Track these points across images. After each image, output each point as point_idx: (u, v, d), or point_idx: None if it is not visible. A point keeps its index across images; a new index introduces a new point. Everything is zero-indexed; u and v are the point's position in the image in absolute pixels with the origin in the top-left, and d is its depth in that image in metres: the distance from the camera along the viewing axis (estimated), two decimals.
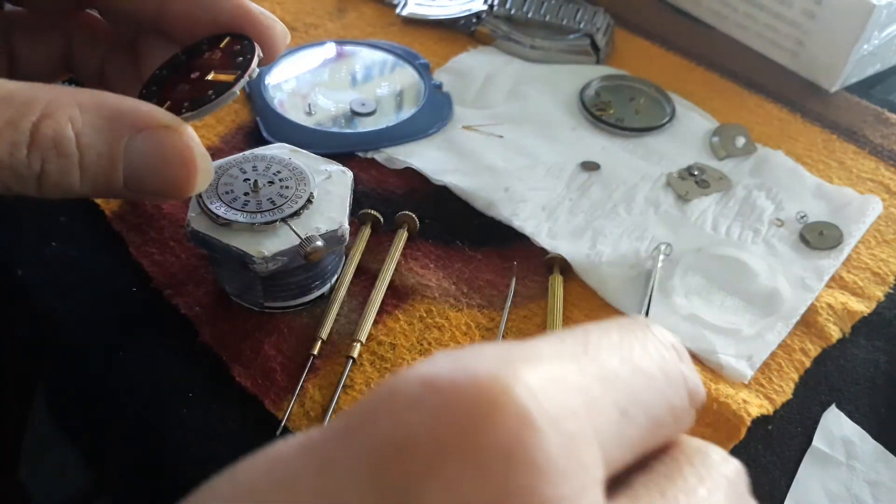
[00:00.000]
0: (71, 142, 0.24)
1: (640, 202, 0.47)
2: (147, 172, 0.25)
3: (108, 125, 0.25)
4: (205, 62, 0.29)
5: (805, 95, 0.57)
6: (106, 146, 0.25)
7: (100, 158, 0.25)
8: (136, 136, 0.25)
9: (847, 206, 0.48)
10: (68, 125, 0.24)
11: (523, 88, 0.54)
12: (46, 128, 0.24)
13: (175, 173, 0.26)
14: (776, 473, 0.36)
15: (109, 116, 0.25)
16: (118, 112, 0.25)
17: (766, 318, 0.42)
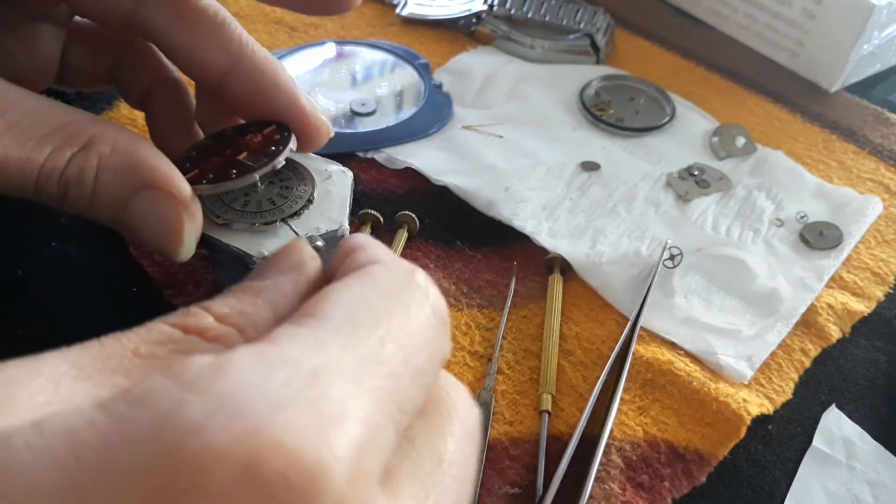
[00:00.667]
0: (91, 174, 0.27)
1: (640, 202, 0.48)
2: (143, 225, 0.28)
3: (127, 172, 0.27)
4: (244, 143, 0.32)
5: (805, 95, 0.57)
6: (118, 190, 0.28)
7: (109, 198, 0.28)
8: (145, 191, 0.28)
9: (847, 206, 0.48)
10: (95, 160, 0.27)
11: (523, 88, 0.54)
12: (78, 159, 0.27)
13: (164, 237, 0.28)
14: (776, 473, 0.36)
15: (133, 164, 0.28)
16: (141, 164, 0.28)
17: (765, 319, 0.42)
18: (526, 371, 0.39)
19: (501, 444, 0.36)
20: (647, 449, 0.36)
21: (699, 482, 0.35)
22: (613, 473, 0.35)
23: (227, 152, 0.32)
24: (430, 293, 0.20)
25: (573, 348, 0.40)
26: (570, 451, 0.34)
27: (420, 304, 0.19)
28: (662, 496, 0.34)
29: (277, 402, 0.14)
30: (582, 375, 0.39)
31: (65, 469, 0.13)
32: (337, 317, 0.17)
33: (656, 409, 0.37)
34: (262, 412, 0.14)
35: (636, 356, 0.39)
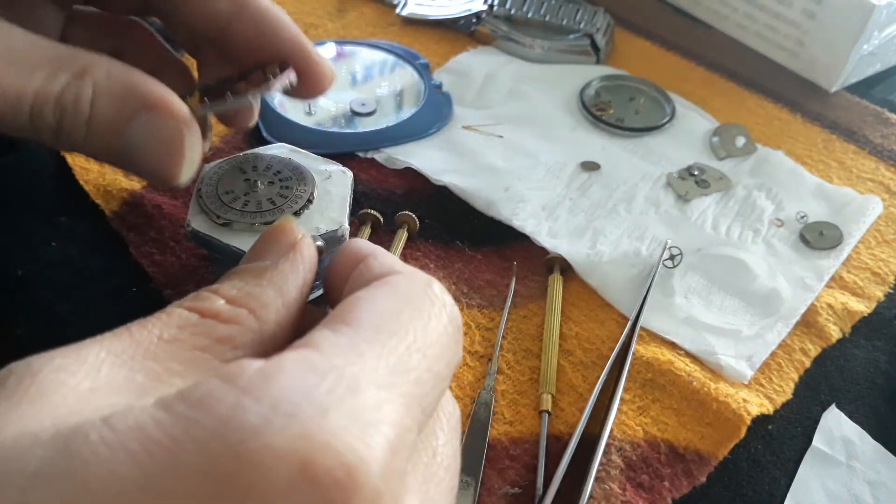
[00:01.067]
0: (87, 101, 0.27)
1: (640, 202, 0.48)
2: (142, 149, 0.28)
3: (124, 96, 0.27)
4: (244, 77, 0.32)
5: (805, 95, 0.57)
6: (114, 114, 0.27)
7: (105, 124, 0.27)
8: (142, 113, 0.27)
9: (847, 206, 0.48)
10: (90, 87, 0.27)
11: (523, 88, 0.54)
12: (73, 87, 0.27)
13: (164, 157, 0.28)
14: (776, 473, 0.36)
15: (128, 88, 0.27)
16: (137, 88, 0.27)
17: (765, 319, 0.42)
18: (526, 371, 0.39)
19: (501, 444, 0.36)
20: (647, 449, 0.36)
21: (699, 482, 0.35)
22: (613, 473, 0.35)
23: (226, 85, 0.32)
24: (447, 303, 0.21)
25: (573, 348, 0.40)
26: (570, 451, 0.34)
27: (439, 314, 0.20)
28: (662, 496, 0.34)
29: (325, 408, 0.15)
30: (582, 375, 0.39)
31: (138, 462, 0.14)
32: (369, 326, 0.19)
33: (656, 409, 0.37)
34: (313, 417, 0.15)
35: (636, 356, 0.39)
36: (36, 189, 0.44)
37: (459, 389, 0.37)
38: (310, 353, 0.17)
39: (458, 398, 0.37)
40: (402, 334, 0.19)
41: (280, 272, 0.22)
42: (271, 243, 0.23)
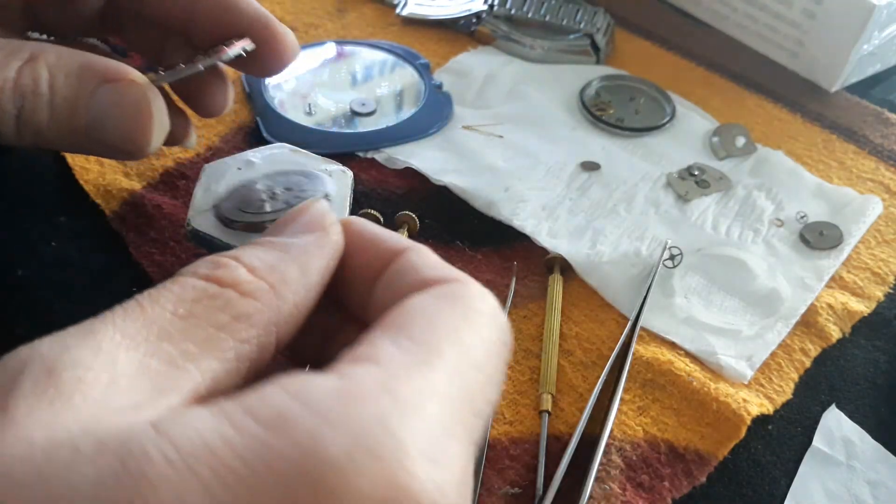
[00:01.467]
0: (45, 82, 0.27)
1: (640, 202, 0.48)
2: (107, 122, 0.27)
3: (80, 72, 0.27)
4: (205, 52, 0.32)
5: (805, 95, 0.57)
6: (73, 90, 0.27)
7: (66, 102, 0.27)
8: (102, 86, 0.27)
9: (847, 206, 0.48)
10: (45, 69, 0.27)
11: (523, 88, 0.54)
12: (28, 71, 0.26)
13: (131, 125, 0.28)
14: (776, 473, 0.36)
15: (82, 65, 0.27)
16: (91, 63, 0.27)
17: (765, 319, 0.42)
18: (526, 371, 0.39)
19: (501, 444, 0.36)
20: (647, 449, 0.36)
21: (699, 482, 0.35)
22: (613, 473, 0.35)
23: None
24: (498, 316, 0.20)
25: (573, 348, 0.40)
26: (570, 451, 0.34)
27: (496, 332, 0.19)
28: (662, 496, 0.34)
29: (404, 445, 0.15)
30: (582, 375, 0.39)
31: (211, 492, 0.13)
32: (437, 346, 0.17)
33: (656, 409, 0.37)
34: (394, 456, 0.14)
35: (636, 356, 0.39)
36: (36, 189, 0.44)
37: None
38: (381, 374, 0.16)
39: None
40: (469, 360, 0.18)
41: (306, 251, 0.20)
42: (299, 220, 0.21)
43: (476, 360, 0.18)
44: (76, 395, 0.15)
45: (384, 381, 0.16)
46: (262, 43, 0.32)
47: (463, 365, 0.17)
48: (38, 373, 0.15)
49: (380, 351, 0.17)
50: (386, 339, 0.17)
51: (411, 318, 0.18)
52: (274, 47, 0.32)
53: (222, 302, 0.18)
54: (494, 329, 0.19)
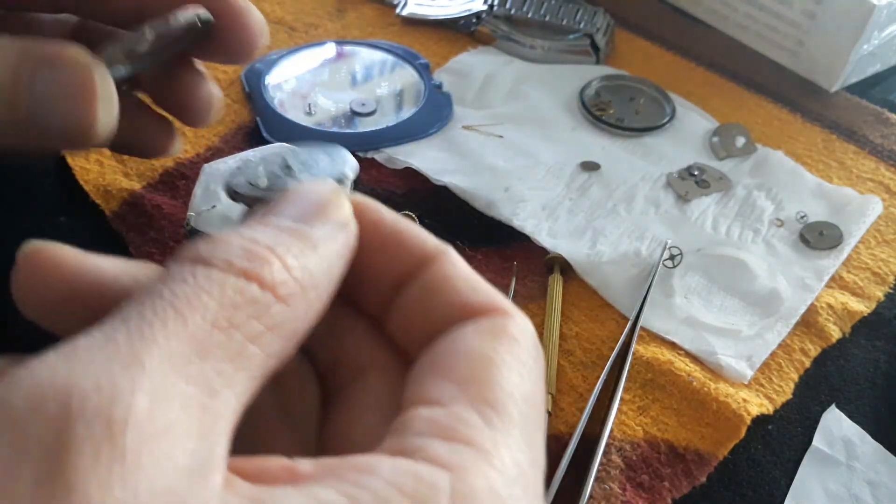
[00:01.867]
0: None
1: (640, 202, 0.48)
2: (51, 104, 0.25)
3: (16, 56, 0.25)
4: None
5: (805, 95, 0.57)
6: (14, 78, 0.25)
7: (8, 90, 0.25)
8: (43, 69, 0.25)
9: (847, 206, 0.48)
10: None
11: (523, 88, 0.54)
12: None
13: (75, 103, 0.25)
14: (776, 473, 0.36)
15: (20, 49, 0.25)
16: (29, 46, 0.25)
17: (765, 319, 0.42)
18: None
19: None
20: (647, 449, 0.36)
21: (699, 482, 0.35)
22: (613, 473, 0.35)
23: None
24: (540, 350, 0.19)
25: (573, 348, 0.40)
26: (570, 451, 0.34)
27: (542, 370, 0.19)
28: (662, 496, 0.34)
29: None
30: (582, 375, 0.39)
31: None
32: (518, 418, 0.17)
33: (656, 409, 0.37)
34: None
35: (636, 356, 0.39)
36: (36, 189, 0.44)
37: None
38: (486, 469, 0.15)
39: None
40: (537, 422, 0.17)
41: (330, 247, 0.18)
42: (321, 208, 0.18)
43: (538, 417, 0.18)
44: (143, 455, 0.13)
45: (490, 477, 0.15)
46: (221, 17, 0.28)
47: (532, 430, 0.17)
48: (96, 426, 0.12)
49: (473, 433, 0.16)
50: (472, 410, 0.16)
51: (477, 370, 0.17)
52: (235, 22, 0.28)
53: (261, 309, 0.16)
54: (541, 369, 0.19)
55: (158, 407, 0.13)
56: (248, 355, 0.15)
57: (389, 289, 0.19)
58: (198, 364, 0.14)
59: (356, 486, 0.14)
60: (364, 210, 0.19)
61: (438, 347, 0.18)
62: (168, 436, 0.13)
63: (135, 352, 0.14)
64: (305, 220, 0.18)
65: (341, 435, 0.19)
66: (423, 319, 0.19)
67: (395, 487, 0.14)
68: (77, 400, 0.12)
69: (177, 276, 0.15)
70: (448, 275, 0.19)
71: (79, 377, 0.13)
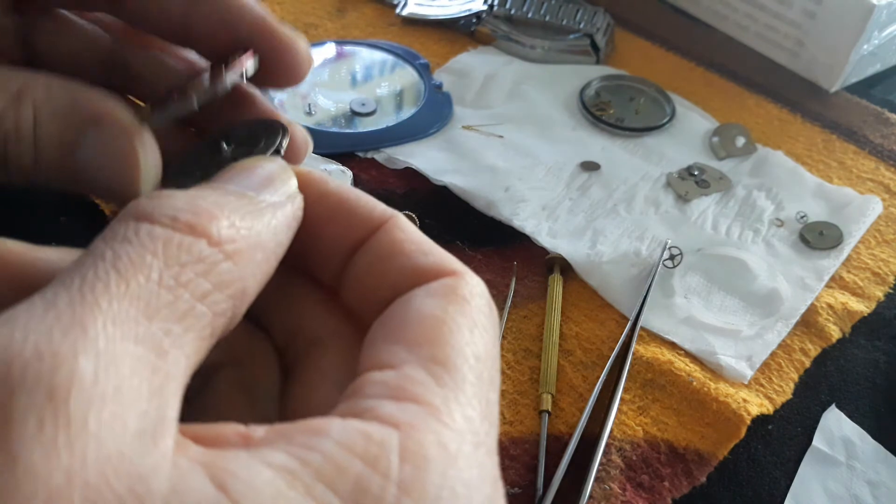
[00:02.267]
0: (29, 124, 0.25)
1: (640, 202, 0.47)
2: (97, 167, 0.25)
3: (68, 113, 0.25)
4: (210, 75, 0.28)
5: (805, 95, 0.57)
6: (62, 134, 0.25)
7: (54, 146, 0.25)
8: (90, 129, 0.25)
9: (847, 206, 0.48)
10: (30, 109, 0.24)
11: (523, 88, 0.54)
12: (12, 112, 0.24)
13: (119, 172, 0.25)
14: (776, 473, 0.36)
15: (72, 104, 0.25)
16: (82, 102, 0.25)
17: (765, 319, 0.42)
18: (526, 371, 0.39)
19: (501, 444, 0.36)
20: (647, 449, 0.36)
21: (699, 482, 0.35)
22: (613, 473, 0.35)
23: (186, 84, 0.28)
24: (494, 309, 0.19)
25: (573, 348, 0.40)
26: (570, 451, 0.34)
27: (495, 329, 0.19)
28: (662, 496, 0.34)
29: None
30: (582, 375, 0.39)
31: None
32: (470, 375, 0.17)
33: (656, 409, 0.37)
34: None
35: (636, 356, 0.39)
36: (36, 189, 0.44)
37: None
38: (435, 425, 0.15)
39: None
40: (491, 381, 0.17)
41: (277, 216, 0.18)
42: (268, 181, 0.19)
43: (492, 375, 0.18)
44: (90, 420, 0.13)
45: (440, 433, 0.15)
46: (268, 53, 0.28)
47: (491, 392, 0.17)
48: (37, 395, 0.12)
49: (421, 390, 0.16)
50: (421, 369, 0.17)
51: (427, 331, 0.17)
52: (283, 58, 0.28)
53: (207, 266, 0.15)
54: (495, 327, 0.19)
55: (104, 370, 0.13)
56: (196, 314, 0.15)
57: (341, 257, 0.20)
58: (145, 325, 0.14)
59: (306, 449, 0.14)
60: (310, 182, 0.20)
61: (391, 313, 0.18)
62: (116, 399, 0.13)
63: (76, 316, 0.13)
64: (251, 187, 0.18)
65: (300, 405, 0.19)
66: (375, 286, 0.19)
67: (345, 447, 0.14)
68: (17, 369, 0.12)
69: (119, 235, 0.15)
70: (397, 240, 0.19)
71: (18, 345, 0.13)
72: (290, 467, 0.14)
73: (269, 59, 0.28)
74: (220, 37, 0.28)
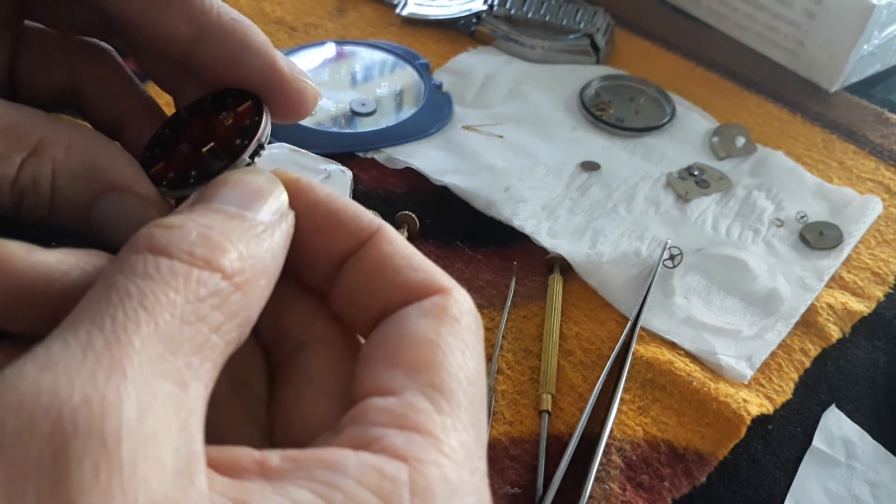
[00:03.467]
0: (47, 182, 0.25)
1: (640, 202, 0.48)
2: (110, 230, 0.26)
3: (87, 176, 0.25)
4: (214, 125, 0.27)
5: (805, 95, 0.57)
6: (78, 196, 0.25)
7: (69, 205, 0.25)
8: (108, 195, 0.25)
9: (847, 206, 0.48)
10: (49, 166, 0.24)
11: (523, 88, 0.54)
12: (30, 167, 0.24)
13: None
14: (776, 473, 0.36)
15: (91, 167, 0.25)
16: (101, 166, 0.25)
17: (765, 319, 0.42)
18: (526, 371, 0.39)
19: (501, 444, 0.36)
20: (647, 449, 0.36)
21: (699, 482, 0.35)
22: (613, 473, 0.35)
23: (195, 136, 0.27)
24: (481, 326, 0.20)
25: (573, 348, 0.40)
26: (570, 451, 0.34)
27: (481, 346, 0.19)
28: (662, 496, 0.34)
29: None
30: (582, 375, 0.39)
31: None
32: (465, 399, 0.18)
33: (656, 409, 0.37)
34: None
35: (636, 356, 0.39)
36: None
37: None
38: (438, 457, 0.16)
39: None
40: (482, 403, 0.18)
41: (275, 238, 0.18)
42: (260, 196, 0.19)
43: (481, 396, 0.18)
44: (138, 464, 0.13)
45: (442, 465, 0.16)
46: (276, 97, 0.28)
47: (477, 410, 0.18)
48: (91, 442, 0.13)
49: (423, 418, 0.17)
50: (420, 395, 0.17)
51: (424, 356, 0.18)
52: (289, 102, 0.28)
53: (222, 299, 0.16)
54: (482, 344, 0.19)
55: (144, 413, 0.13)
56: (211, 345, 0.16)
57: (330, 267, 0.20)
58: (171, 360, 0.15)
59: (327, 486, 0.15)
60: (299, 191, 0.20)
61: (385, 333, 0.19)
62: (155, 440, 0.13)
63: (114, 358, 0.14)
64: (245, 206, 0.19)
65: (289, 409, 0.19)
66: (366, 301, 0.20)
67: (363, 485, 0.15)
68: (69, 417, 0.13)
69: (139, 270, 0.16)
70: (386, 254, 0.20)
71: (65, 392, 0.13)
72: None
73: (277, 100, 0.28)
74: (227, 73, 0.27)
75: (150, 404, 0.14)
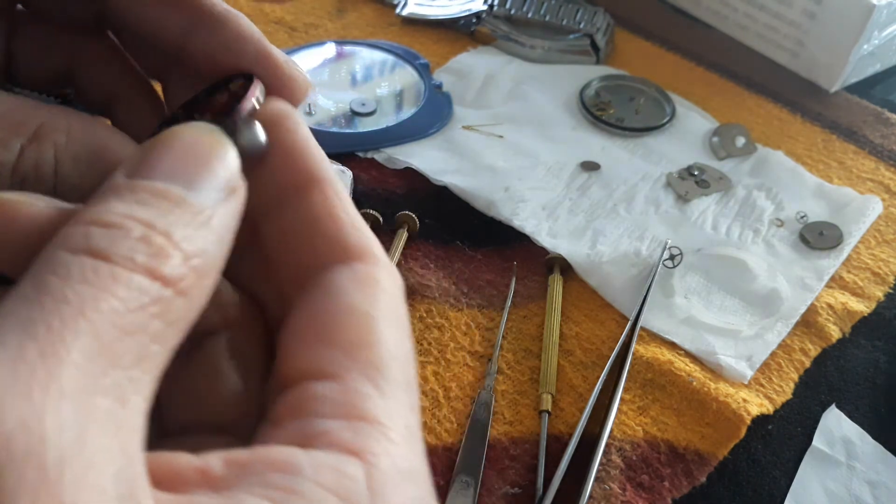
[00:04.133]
0: (49, 167, 0.24)
1: (640, 202, 0.48)
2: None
3: (89, 160, 0.24)
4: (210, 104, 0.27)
5: (805, 95, 0.57)
6: (81, 180, 0.24)
7: (71, 189, 0.24)
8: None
9: (847, 206, 0.48)
10: (51, 151, 0.24)
11: (523, 88, 0.54)
12: (31, 152, 0.24)
13: None
14: (776, 473, 0.36)
15: (93, 150, 0.25)
16: (102, 149, 0.25)
17: (765, 319, 0.42)
18: (526, 371, 0.39)
19: (501, 444, 0.36)
20: (647, 449, 0.36)
21: (699, 482, 0.35)
22: (613, 473, 0.35)
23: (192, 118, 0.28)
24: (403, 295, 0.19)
25: (573, 348, 0.40)
26: (570, 451, 0.34)
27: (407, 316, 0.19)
28: (662, 496, 0.34)
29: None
30: (582, 375, 0.39)
31: None
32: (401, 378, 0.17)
33: (656, 409, 0.37)
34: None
35: (636, 356, 0.39)
36: None
37: (459, 389, 0.37)
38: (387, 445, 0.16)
39: (458, 398, 0.37)
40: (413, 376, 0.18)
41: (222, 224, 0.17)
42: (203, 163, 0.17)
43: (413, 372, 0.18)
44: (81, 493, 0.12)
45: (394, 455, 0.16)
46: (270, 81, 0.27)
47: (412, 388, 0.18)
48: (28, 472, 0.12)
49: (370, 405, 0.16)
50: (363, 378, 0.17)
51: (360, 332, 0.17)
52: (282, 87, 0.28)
53: (163, 306, 0.15)
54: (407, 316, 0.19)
55: (84, 436, 0.12)
56: (151, 355, 0.15)
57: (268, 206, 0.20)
58: (111, 374, 0.14)
59: (286, 492, 0.14)
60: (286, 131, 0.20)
61: (316, 302, 0.18)
62: (97, 466, 0.12)
63: (51, 374, 0.13)
64: (189, 182, 0.17)
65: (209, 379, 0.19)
66: (299, 249, 0.19)
67: (322, 487, 0.14)
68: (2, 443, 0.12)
69: (75, 274, 0.14)
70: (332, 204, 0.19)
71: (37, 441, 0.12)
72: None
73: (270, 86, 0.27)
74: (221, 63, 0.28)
75: (90, 425, 0.13)
